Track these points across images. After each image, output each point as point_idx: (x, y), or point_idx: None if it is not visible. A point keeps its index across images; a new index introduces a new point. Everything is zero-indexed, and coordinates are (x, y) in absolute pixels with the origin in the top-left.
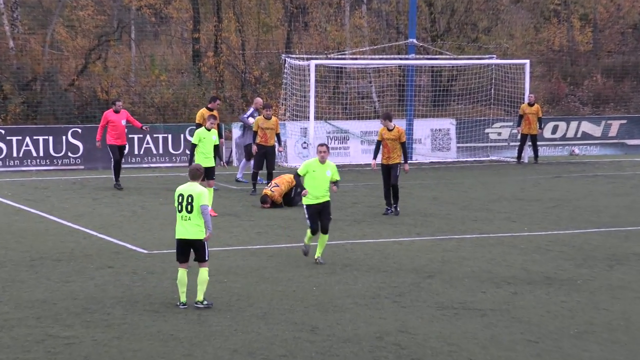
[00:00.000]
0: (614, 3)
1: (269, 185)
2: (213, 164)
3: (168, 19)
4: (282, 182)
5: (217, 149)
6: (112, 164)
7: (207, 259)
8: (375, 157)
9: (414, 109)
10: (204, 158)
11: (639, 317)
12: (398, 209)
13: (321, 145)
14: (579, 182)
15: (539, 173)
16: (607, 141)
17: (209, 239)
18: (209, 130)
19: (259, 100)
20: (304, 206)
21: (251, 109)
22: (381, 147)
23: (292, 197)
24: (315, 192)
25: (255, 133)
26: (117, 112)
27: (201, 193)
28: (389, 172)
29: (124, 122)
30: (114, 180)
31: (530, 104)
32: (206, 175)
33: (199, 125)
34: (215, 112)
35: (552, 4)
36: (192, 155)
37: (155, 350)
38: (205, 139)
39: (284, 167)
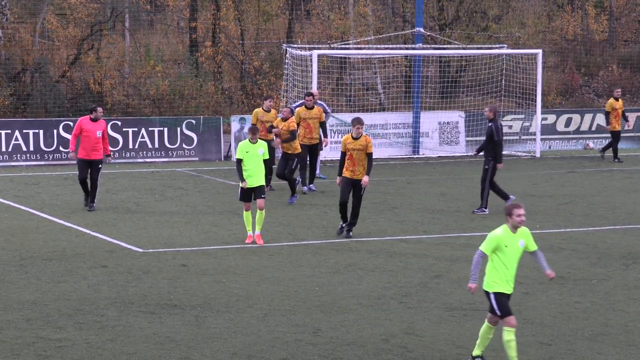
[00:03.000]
0: None
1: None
2: (261, 183)
3: (164, 7)
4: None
5: (266, 164)
6: (79, 180)
7: (497, 313)
8: (340, 173)
9: (421, 101)
10: (249, 176)
11: None
12: (352, 234)
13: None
14: (593, 178)
15: (551, 168)
16: (623, 134)
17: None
18: (253, 143)
19: (316, 91)
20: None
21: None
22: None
23: (292, 168)
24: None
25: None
26: (94, 120)
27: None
28: (352, 186)
29: (99, 134)
30: (84, 198)
31: (617, 99)
32: (254, 195)
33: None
34: (266, 118)
35: None
36: (239, 172)
37: (151, 353)
38: (249, 154)
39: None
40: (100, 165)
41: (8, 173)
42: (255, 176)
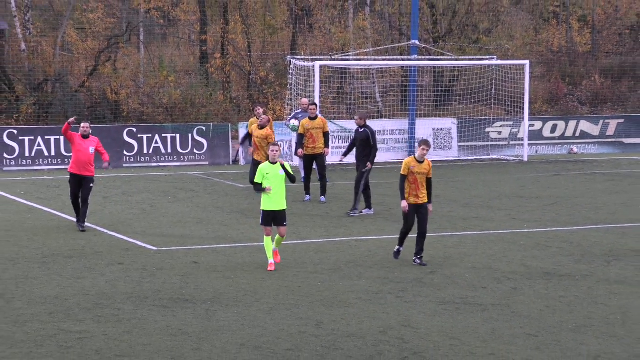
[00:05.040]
0: (611, 5)
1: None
2: (283, 207)
3: (176, 21)
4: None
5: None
6: (71, 199)
7: None
8: (404, 197)
9: (416, 108)
10: (269, 199)
11: (636, 311)
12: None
13: None
14: (577, 180)
15: (538, 171)
16: (605, 140)
17: None
18: (273, 163)
19: (304, 100)
20: None
21: (297, 110)
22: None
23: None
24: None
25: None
26: (85, 137)
27: None
28: (417, 212)
29: (91, 150)
30: (76, 218)
31: None
32: (274, 221)
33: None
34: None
35: (551, 5)
36: (259, 189)
37: (165, 345)
38: (269, 176)
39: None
40: (91, 184)
41: (31, 176)
42: (276, 200)
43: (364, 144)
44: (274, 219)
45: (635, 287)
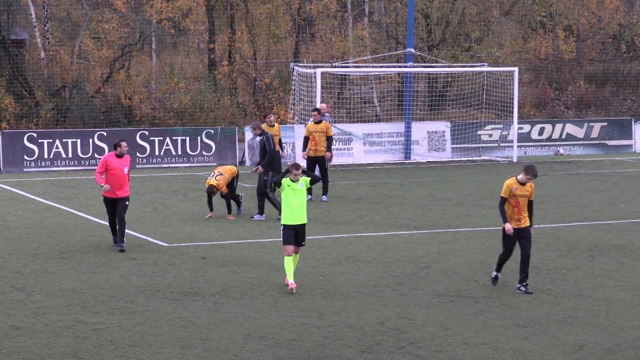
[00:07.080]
0: (595, 15)
1: (213, 174)
2: (305, 220)
3: (186, 30)
4: (225, 171)
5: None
6: (108, 220)
7: None
8: (506, 220)
9: (412, 112)
10: (292, 213)
11: (618, 303)
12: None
13: None
14: (563, 180)
15: None
16: (589, 142)
17: None
18: (294, 181)
19: (323, 105)
20: None
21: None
22: (507, 206)
23: (234, 187)
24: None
25: None
26: (119, 156)
27: None
28: (518, 237)
29: (126, 170)
30: (112, 239)
31: None
32: (296, 237)
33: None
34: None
35: (538, 16)
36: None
37: (175, 335)
38: (290, 187)
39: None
40: (127, 202)
41: (50, 177)
42: (299, 214)
43: (263, 150)
44: (296, 234)
45: (618, 280)
